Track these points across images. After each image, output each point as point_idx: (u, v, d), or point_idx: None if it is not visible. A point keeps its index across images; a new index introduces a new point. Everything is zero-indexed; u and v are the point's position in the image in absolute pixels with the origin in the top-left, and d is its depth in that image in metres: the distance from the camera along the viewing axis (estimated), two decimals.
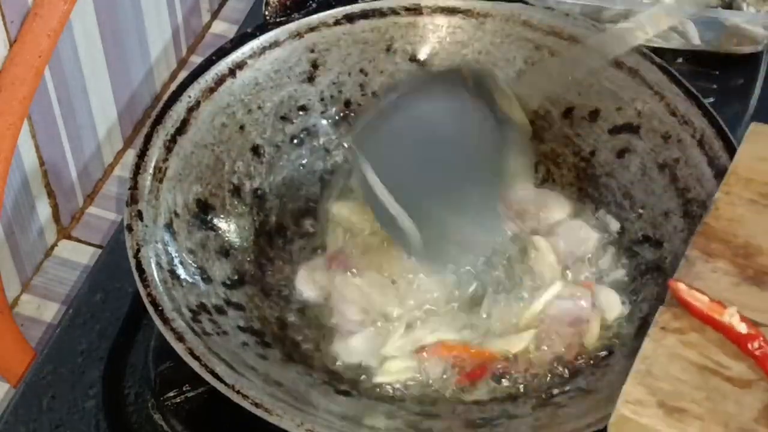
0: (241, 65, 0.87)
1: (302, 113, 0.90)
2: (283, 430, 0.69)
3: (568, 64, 0.86)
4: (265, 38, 0.88)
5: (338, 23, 0.90)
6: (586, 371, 0.77)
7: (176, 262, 0.78)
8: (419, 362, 0.78)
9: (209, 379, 0.70)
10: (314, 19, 0.89)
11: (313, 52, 0.89)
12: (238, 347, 0.75)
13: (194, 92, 0.84)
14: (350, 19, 0.90)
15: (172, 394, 0.76)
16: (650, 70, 0.86)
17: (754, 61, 1.05)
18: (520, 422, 0.74)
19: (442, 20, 0.91)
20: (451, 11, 0.91)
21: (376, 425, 0.73)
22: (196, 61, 1.16)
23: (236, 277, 0.81)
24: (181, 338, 0.72)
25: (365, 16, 0.90)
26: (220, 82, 0.86)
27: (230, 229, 0.84)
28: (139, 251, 0.76)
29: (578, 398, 0.75)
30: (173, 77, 1.19)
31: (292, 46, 0.89)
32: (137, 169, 0.80)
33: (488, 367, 0.78)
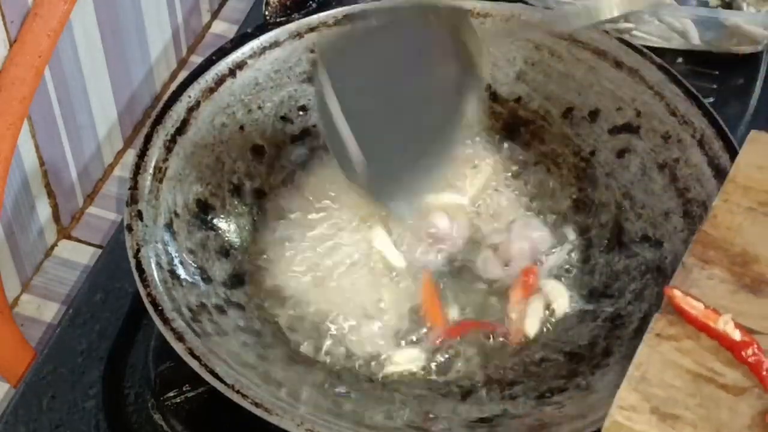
0: (241, 65, 0.87)
1: (302, 113, 0.90)
2: (283, 430, 0.69)
3: (524, 27, 0.87)
4: (265, 38, 0.88)
5: (338, 23, 0.90)
6: (586, 371, 0.77)
7: (176, 262, 0.78)
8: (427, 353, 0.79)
9: (209, 379, 0.70)
10: (314, 19, 0.89)
11: (313, 52, 0.89)
12: (238, 347, 0.75)
13: (194, 92, 0.84)
14: (350, 19, 0.90)
15: (172, 394, 0.76)
16: (650, 70, 0.86)
17: (754, 61, 1.05)
18: (520, 422, 0.74)
19: None
20: None
21: (376, 425, 0.73)
22: (196, 61, 1.16)
23: (236, 277, 0.82)
24: (181, 338, 0.72)
25: (365, 16, 0.90)
26: (220, 82, 0.86)
27: (230, 229, 0.84)
28: (139, 251, 0.76)
29: (578, 398, 0.75)
30: (173, 77, 1.19)
31: (292, 46, 0.89)
32: (137, 169, 0.80)
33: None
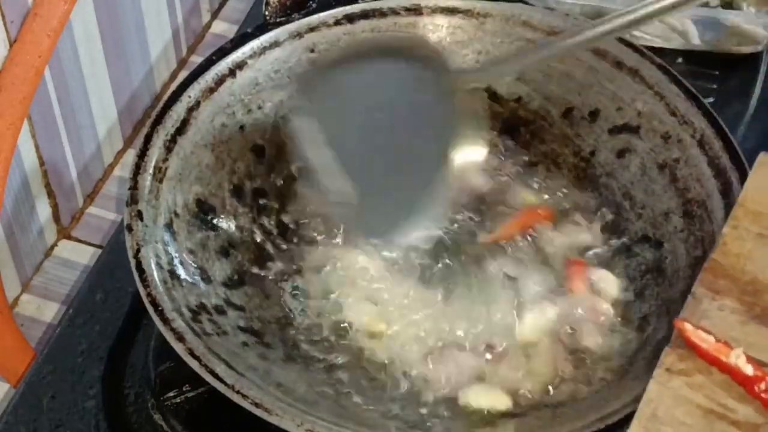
0: (241, 65, 0.87)
1: None
2: (283, 430, 0.69)
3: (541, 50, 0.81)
4: (265, 38, 0.88)
5: (338, 23, 0.90)
6: (586, 371, 0.77)
7: (176, 262, 0.78)
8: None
9: (209, 379, 0.70)
10: (314, 19, 0.89)
11: (313, 52, 0.89)
12: (238, 347, 0.75)
13: (194, 92, 0.84)
14: (350, 19, 0.90)
15: (172, 394, 0.76)
16: (650, 70, 0.86)
17: (754, 61, 1.05)
18: (520, 422, 0.74)
19: (442, 20, 0.91)
20: (451, 11, 0.91)
21: (376, 425, 0.73)
22: (196, 61, 1.16)
23: (236, 277, 0.81)
24: (181, 338, 0.72)
25: (365, 16, 0.90)
26: (220, 82, 0.86)
27: (230, 229, 0.84)
28: (139, 251, 0.76)
29: (578, 398, 0.75)
30: (173, 77, 1.19)
31: (292, 46, 0.89)
32: (137, 169, 0.80)
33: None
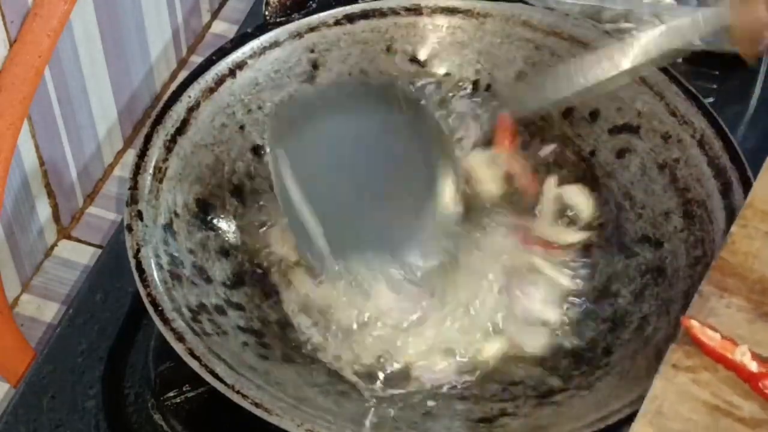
0: (241, 65, 0.87)
1: None
2: (283, 430, 0.69)
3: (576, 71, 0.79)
4: (265, 38, 0.88)
5: (338, 23, 0.90)
6: (586, 371, 0.77)
7: (176, 262, 0.77)
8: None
9: (209, 379, 0.70)
10: (314, 19, 0.89)
11: (313, 52, 0.89)
12: (238, 347, 0.75)
13: (194, 92, 0.84)
14: (350, 19, 0.90)
15: (172, 394, 0.76)
16: (650, 70, 0.86)
17: None
18: (520, 422, 0.74)
19: (442, 20, 0.91)
20: (451, 11, 0.91)
21: (376, 425, 0.73)
22: (196, 61, 1.16)
23: (236, 277, 0.81)
24: (181, 338, 0.72)
25: (365, 16, 0.90)
26: (220, 82, 0.86)
27: (230, 229, 0.84)
28: (139, 251, 0.76)
29: (578, 398, 0.75)
30: (173, 77, 1.19)
31: (292, 46, 0.89)
32: (137, 169, 0.80)
33: None
